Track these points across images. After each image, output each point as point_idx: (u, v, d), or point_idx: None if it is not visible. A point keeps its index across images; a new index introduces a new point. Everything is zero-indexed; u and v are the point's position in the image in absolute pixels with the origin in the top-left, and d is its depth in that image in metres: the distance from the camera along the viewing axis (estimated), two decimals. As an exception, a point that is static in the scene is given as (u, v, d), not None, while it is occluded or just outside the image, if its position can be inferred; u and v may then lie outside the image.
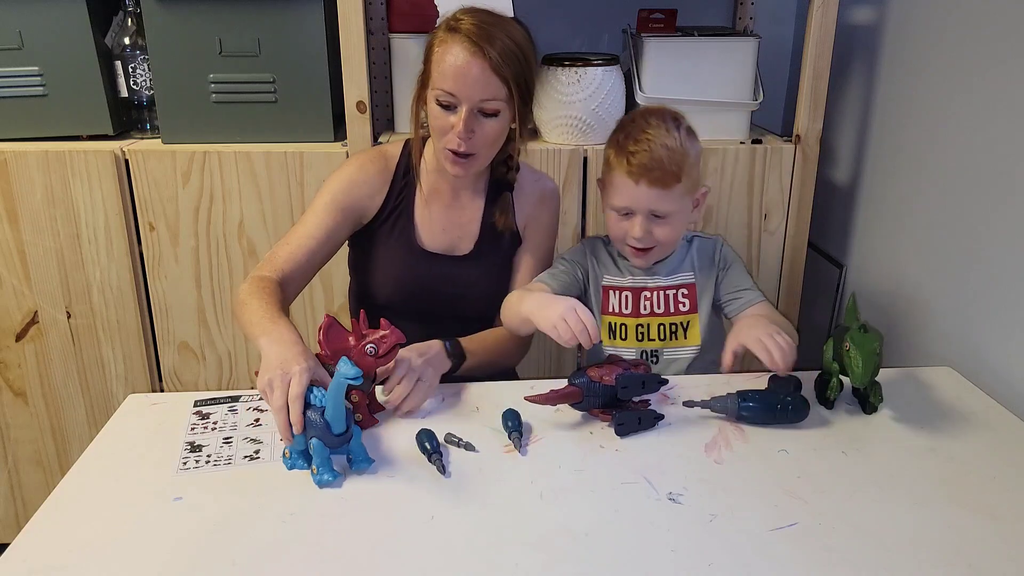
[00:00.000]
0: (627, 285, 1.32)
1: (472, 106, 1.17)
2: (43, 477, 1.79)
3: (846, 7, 1.69)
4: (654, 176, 1.19)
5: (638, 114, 1.26)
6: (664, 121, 1.22)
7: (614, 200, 1.24)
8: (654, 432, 1.09)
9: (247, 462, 1.02)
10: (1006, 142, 1.27)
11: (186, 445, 1.05)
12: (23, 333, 1.68)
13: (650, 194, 1.20)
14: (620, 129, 1.25)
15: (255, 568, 0.84)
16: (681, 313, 1.31)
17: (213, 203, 1.61)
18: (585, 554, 0.86)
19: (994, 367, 1.27)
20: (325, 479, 0.96)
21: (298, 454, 1.00)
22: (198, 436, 1.08)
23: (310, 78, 1.61)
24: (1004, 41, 1.28)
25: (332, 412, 0.95)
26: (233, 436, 1.08)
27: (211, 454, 1.03)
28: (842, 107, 1.82)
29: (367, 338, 1.05)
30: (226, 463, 1.02)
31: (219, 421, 1.11)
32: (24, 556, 0.85)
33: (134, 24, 1.64)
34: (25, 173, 1.57)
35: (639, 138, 1.20)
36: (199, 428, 1.10)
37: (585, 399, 1.10)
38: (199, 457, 1.03)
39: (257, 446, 1.05)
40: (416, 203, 1.33)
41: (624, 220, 1.24)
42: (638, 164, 1.18)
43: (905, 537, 0.88)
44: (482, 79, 1.15)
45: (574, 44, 1.99)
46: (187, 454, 1.03)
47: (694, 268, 1.32)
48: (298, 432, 0.97)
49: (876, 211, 1.69)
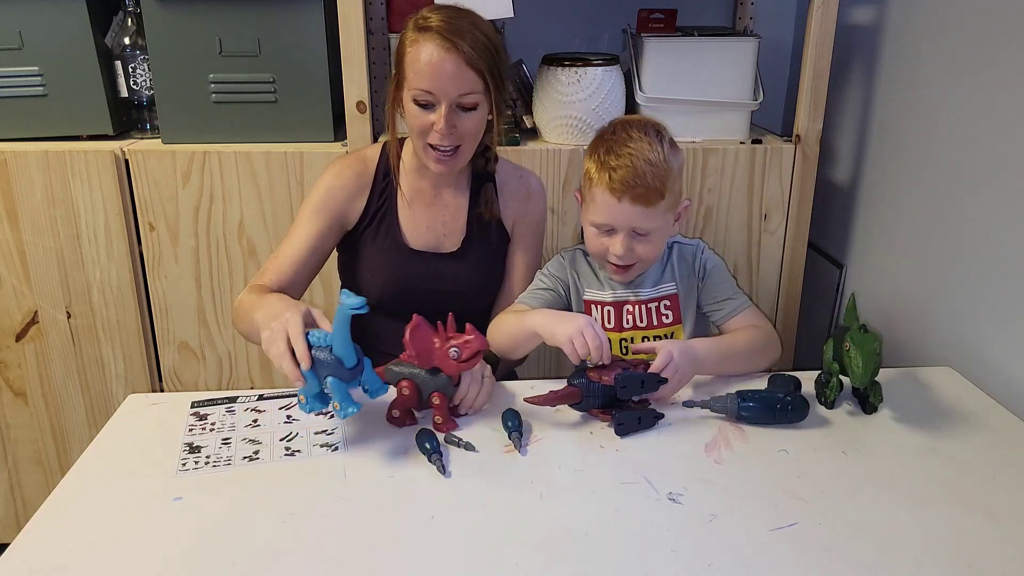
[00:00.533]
0: (608, 300, 1.29)
1: (451, 102, 1.17)
2: (43, 477, 1.79)
3: (846, 7, 1.69)
4: (637, 193, 1.15)
5: (619, 125, 1.21)
6: (646, 133, 1.18)
7: (594, 216, 1.20)
8: (654, 432, 1.09)
9: (246, 463, 1.02)
10: (1006, 142, 1.27)
11: (185, 447, 1.05)
12: (23, 333, 1.68)
13: (632, 211, 1.16)
14: (600, 141, 1.20)
15: (255, 568, 0.84)
16: (665, 325, 1.28)
17: (213, 203, 1.61)
18: (585, 554, 0.86)
19: (994, 367, 1.27)
20: (349, 411, 0.98)
21: (313, 397, 1.02)
22: (196, 437, 1.08)
23: (310, 78, 1.61)
24: (1004, 41, 1.28)
25: (341, 347, 0.97)
26: (232, 437, 1.08)
27: (210, 455, 1.03)
28: (842, 107, 1.82)
29: (451, 341, 1.05)
30: (226, 464, 1.02)
31: (217, 422, 1.11)
32: (24, 556, 0.85)
33: (134, 24, 1.64)
34: (25, 173, 1.57)
35: (620, 152, 1.16)
36: (197, 429, 1.09)
37: (585, 399, 1.10)
38: (198, 458, 1.02)
39: (256, 447, 1.05)
40: (399, 204, 1.33)
41: (605, 236, 1.21)
42: (620, 180, 1.15)
43: (905, 537, 0.88)
44: (458, 74, 1.16)
45: (574, 44, 1.99)
46: (186, 455, 1.03)
47: (676, 277, 1.29)
48: (306, 368, 0.98)
49: (876, 211, 1.69)
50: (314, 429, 1.09)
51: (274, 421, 1.11)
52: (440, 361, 1.05)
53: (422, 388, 1.08)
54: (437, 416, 1.08)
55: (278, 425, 1.10)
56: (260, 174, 1.60)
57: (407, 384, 1.08)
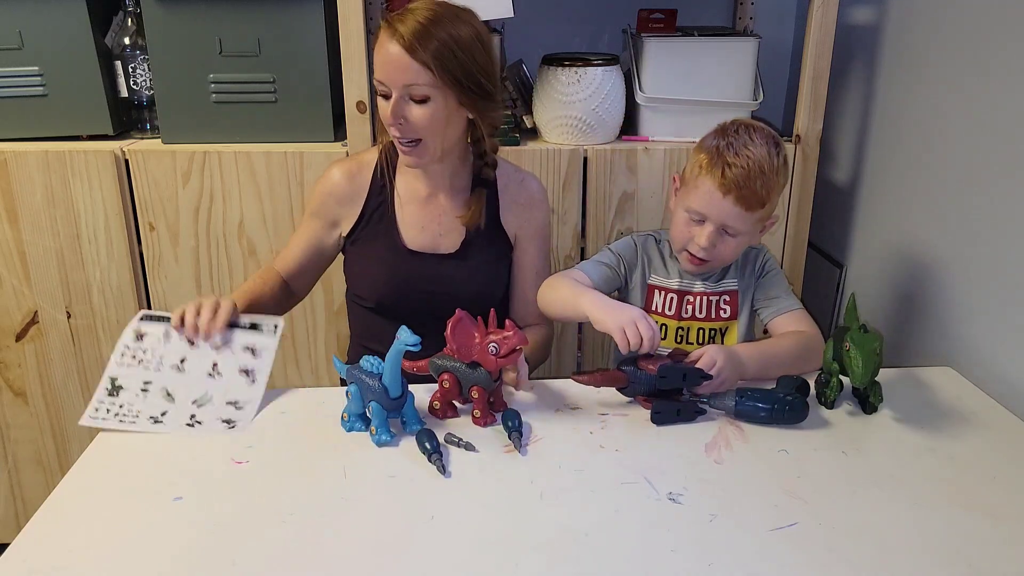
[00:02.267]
0: (673, 287, 1.32)
1: (400, 93, 1.18)
2: (43, 477, 1.79)
3: (846, 7, 1.69)
4: (743, 194, 1.17)
5: (741, 126, 1.23)
6: (767, 143, 1.20)
7: (693, 203, 1.22)
8: (654, 432, 1.09)
9: (150, 423, 1.06)
10: (1006, 142, 1.27)
11: (108, 380, 1.09)
12: (23, 333, 1.68)
13: (732, 210, 1.19)
14: (721, 135, 1.22)
15: (255, 568, 0.84)
16: (722, 319, 1.32)
17: (213, 203, 1.61)
18: (585, 554, 0.86)
19: (994, 367, 1.27)
20: (383, 439, 1.05)
21: (356, 416, 1.08)
22: (124, 369, 1.11)
23: (310, 78, 1.60)
24: (1004, 41, 1.28)
25: (389, 377, 1.03)
26: (152, 382, 1.11)
27: (123, 404, 1.07)
28: (842, 107, 1.82)
29: (491, 337, 1.07)
30: (132, 421, 1.06)
31: (149, 350, 1.13)
32: (24, 556, 0.85)
33: (134, 24, 1.64)
34: (25, 173, 1.57)
35: (740, 152, 1.18)
36: (128, 355, 1.12)
37: (630, 385, 1.13)
38: (112, 404, 1.06)
39: (167, 407, 1.08)
40: (396, 204, 1.34)
41: (694, 225, 1.23)
42: (732, 178, 1.17)
43: (905, 537, 0.88)
44: (402, 64, 1.16)
45: (574, 44, 1.99)
46: (103, 397, 1.08)
47: (739, 275, 1.32)
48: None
49: (876, 211, 1.69)
50: (227, 399, 1.13)
51: (201, 368, 1.14)
52: (480, 356, 1.08)
53: (463, 381, 1.10)
54: (476, 410, 1.11)
55: (201, 378, 1.14)
56: (260, 174, 1.60)
57: (448, 377, 1.11)
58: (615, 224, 1.67)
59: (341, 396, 1.13)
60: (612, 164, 1.63)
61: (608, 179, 1.64)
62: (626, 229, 1.66)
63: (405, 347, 1.01)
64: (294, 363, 1.73)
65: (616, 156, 1.63)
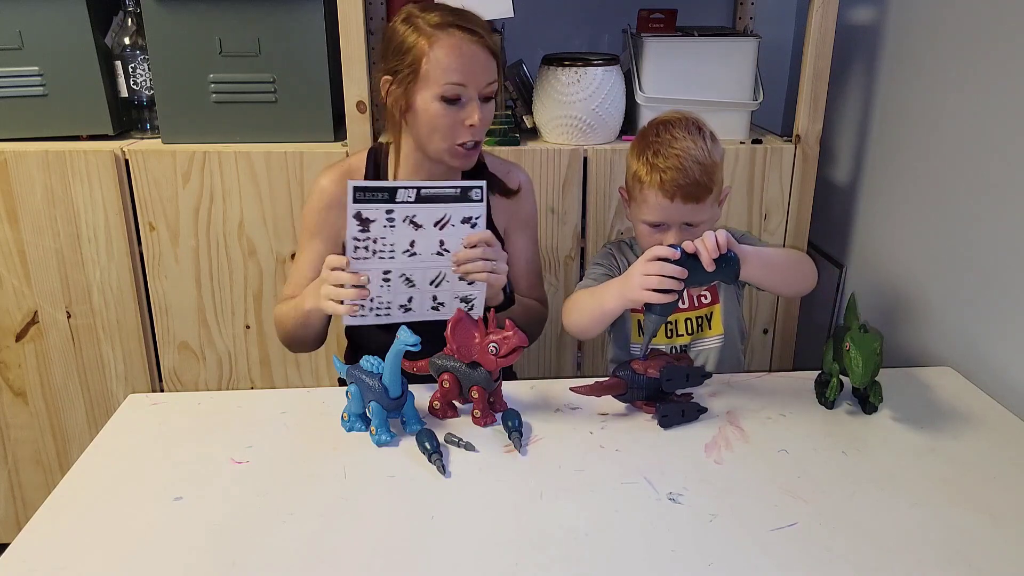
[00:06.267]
0: None
1: (481, 93, 1.19)
2: (43, 477, 1.79)
3: (846, 7, 1.69)
4: (688, 191, 1.18)
5: (660, 125, 1.23)
6: (689, 132, 1.21)
7: (647, 216, 1.23)
8: (654, 432, 1.09)
9: (402, 313, 1.15)
10: (1006, 142, 1.27)
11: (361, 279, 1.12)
12: (23, 333, 1.68)
13: (684, 209, 1.19)
14: (645, 144, 1.22)
15: (255, 568, 0.84)
16: (704, 306, 1.33)
17: (213, 203, 1.61)
18: (585, 554, 0.86)
19: (994, 367, 1.27)
20: (383, 439, 1.05)
21: (356, 416, 1.09)
22: (362, 263, 1.13)
23: (310, 78, 1.61)
24: (1004, 41, 1.28)
25: (389, 377, 1.04)
26: (392, 271, 1.14)
27: (373, 298, 1.14)
28: (842, 107, 1.82)
29: (491, 337, 1.07)
30: (386, 313, 1.15)
31: (379, 240, 1.12)
32: (24, 556, 0.85)
33: (134, 24, 1.64)
34: (25, 173, 1.57)
35: (667, 154, 1.18)
36: (361, 247, 1.12)
37: (629, 391, 1.13)
38: (365, 301, 1.14)
39: (411, 292, 1.16)
40: None
41: (658, 233, 1.24)
42: (671, 182, 1.18)
43: (905, 537, 0.88)
44: (488, 64, 1.18)
45: (574, 44, 1.99)
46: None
47: None
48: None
49: (876, 211, 1.69)
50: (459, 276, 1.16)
51: (429, 249, 1.15)
52: (480, 356, 1.08)
53: (463, 381, 1.10)
54: (476, 410, 1.11)
55: (433, 258, 1.15)
56: (260, 174, 1.60)
57: (448, 377, 1.11)
58: (615, 224, 1.67)
59: (341, 396, 1.13)
60: (612, 164, 1.63)
61: (608, 179, 1.64)
62: (626, 229, 1.67)
63: (405, 347, 1.02)
64: (294, 363, 1.73)
65: (616, 156, 1.63)
